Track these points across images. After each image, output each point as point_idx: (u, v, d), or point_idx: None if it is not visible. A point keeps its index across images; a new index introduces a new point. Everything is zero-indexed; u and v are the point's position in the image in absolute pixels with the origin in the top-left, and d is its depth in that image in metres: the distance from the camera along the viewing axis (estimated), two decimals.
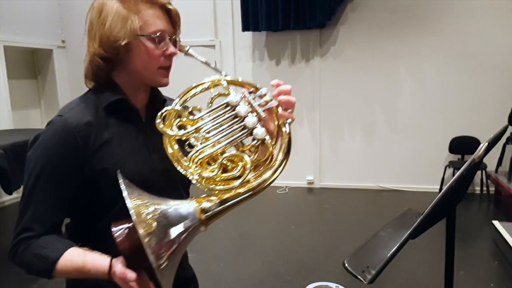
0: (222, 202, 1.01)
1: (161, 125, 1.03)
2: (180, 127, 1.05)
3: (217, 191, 1.02)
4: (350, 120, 5.98)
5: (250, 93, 1.10)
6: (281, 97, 1.11)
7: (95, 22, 1.12)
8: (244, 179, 1.02)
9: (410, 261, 3.55)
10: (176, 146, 1.05)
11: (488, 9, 5.29)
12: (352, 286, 3.06)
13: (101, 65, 1.13)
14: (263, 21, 5.62)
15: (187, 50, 1.19)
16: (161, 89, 1.29)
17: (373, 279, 1.13)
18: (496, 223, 4.16)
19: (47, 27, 6.36)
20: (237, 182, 1.02)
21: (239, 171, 1.02)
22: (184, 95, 1.09)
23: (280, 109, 1.12)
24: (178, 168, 1.04)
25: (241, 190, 1.02)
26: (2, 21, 5.55)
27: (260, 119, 1.07)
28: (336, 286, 2.93)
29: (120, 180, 0.96)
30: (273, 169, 1.06)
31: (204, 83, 1.11)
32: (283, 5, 5.50)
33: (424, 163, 5.78)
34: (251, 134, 1.05)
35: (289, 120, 1.12)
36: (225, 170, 1.04)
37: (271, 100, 1.09)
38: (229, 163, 1.05)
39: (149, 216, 0.92)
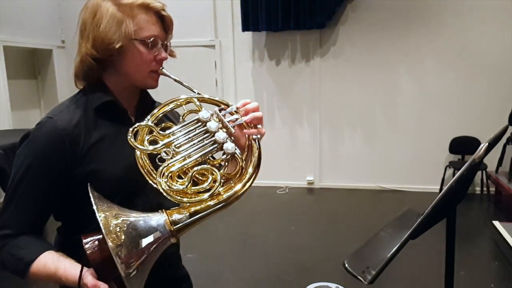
0: (192, 214, 1.03)
1: (132, 140, 1.05)
2: (152, 142, 1.08)
3: (187, 204, 1.04)
4: (350, 120, 5.97)
5: (221, 110, 1.15)
6: (247, 116, 1.15)
7: (88, 23, 1.13)
8: (214, 192, 1.04)
9: (410, 261, 3.54)
10: (147, 161, 1.08)
11: (488, 9, 5.29)
12: (352, 286, 3.05)
13: (93, 66, 1.14)
14: (263, 21, 5.61)
15: (161, 69, 1.21)
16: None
17: (373, 280, 1.13)
18: (496, 223, 4.14)
19: (47, 27, 6.34)
20: (206, 195, 1.04)
21: (209, 184, 1.05)
22: (156, 112, 1.13)
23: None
24: (149, 181, 1.05)
25: (211, 202, 1.05)
26: (2, 21, 5.53)
27: (230, 135, 1.11)
28: (336, 287, 2.92)
29: (90, 194, 0.97)
30: (243, 182, 1.08)
31: (176, 100, 1.16)
32: (283, 5, 5.49)
33: (424, 163, 5.78)
34: (221, 149, 1.09)
35: (258, 136, 1.16)
36: (195, 183, 1.07)
37: (240, 117, 1.14)
38: (199, 176, 1.08)
39: (118, 228, 0.94)
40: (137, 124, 1.08)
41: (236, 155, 1.09)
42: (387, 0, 5.54)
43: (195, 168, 1.05)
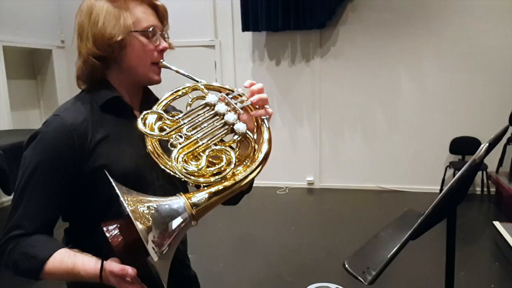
0: (210, 196, 1.03)
1: (142, 127, 1.06)
2: (161, 129, 1.09)
3: (204, 185, 1.05)
4: (350, 120, 5.97)
5: (227, 94, 1.16)
6: (253, 97, 1.16)
7: (86, 23, 1.14)
8: (230, 172, 1.05)
9: (410, 262, 3.52)
10: (158, 147, 1.09)
11: (489, 9, 5.28)
12: (352, 287, 3.04)
13: (96, 65, 1.14)
14: (263, 21, 5.60)
15: (161, 62, 1.21)
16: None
17: (374, 280, 1.13)
18: (497, 223, 4.13)
19: (47, 27, 6.34)
20: (222, 175, 1.05)
21: (224, 165, 1.06)
22: (163, 100, 1.15)
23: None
24: (161, 166, 1.06)
25: (228, 183, 1.05)
26: (1, 21, 5.53)
27: (239, 117, 1.12)
28: (336, 287, 2.92)
29: (111, 179, 0.96)
30: (257, 162, 1.10)
31: (182, 88, 1.17)
32: (283, 5, 5.48)
33: (424, 163, 5.77)
34: (232, 130, 1.10)
35: (266, 116, 1.17)
36: (209, 166, 1.07)
37: (247, 99, 1.16)
38: (213, 160, 1.09)
39: (145, 212, 0.94)
40: (146, 111, 1.09)
41: (247, 135, 1.11)
42: (388, 0, 5.53)
43: (210, 149, 1.06)
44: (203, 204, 1.02)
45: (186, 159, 1.05)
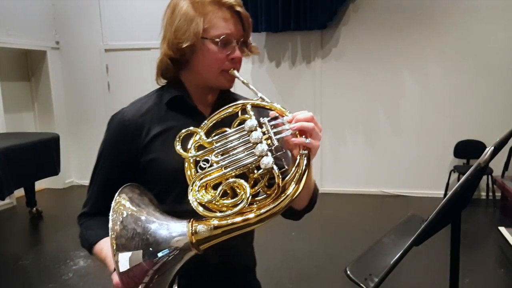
0: (216, 228, 1.00)
1: (178, 147, 1.07)
2: (200, 147, 1.08)
3: (213, 217, 1.00)
4: (352, 123, 5.94)
5: (273, 119, 1.09)
6: (294, 125, 1.03)
7: (168, 22, 1.17)
8: (241, 209, 0.99)
9: (414, 268, 3.49)
10: (192, 166, 1.08)
11: (493, 9, 5.26)
12: None
13: (169, 66, 1.18)
14: (263, 21, 5.61)
15: (231, 70, 1.18)
16: None
17: (376, 287, 1.14)
18: (502, 229, 4.07)
19: (41, 28, 6.34)
20: (232, 211, 1.00)
21: (239, 199, 1.01)
22: (210, 118, 1.12)
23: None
24: (188, 182, 1.05)
25: (238, 219, 0.99)
26: None
27: (272, 147, 1.03)
28: None
29: (121, 188, 1.04)
30: (278, 201, 1.01)
31: (229, 107, 1.13)
32: (284, 6, 5.49)
33: (428, 167, 5.73)
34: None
35: (306, 151, 1.03)
36: (236, 194, 1.03)
37: (288, 129, 1.04)
38: (237, 189, 1.04)
39: (129, 232, 0.96)
40: (184, 130, 1.09)
41: (273, 171, 1.01)
42: (390, 0, 5.52)
43: (227, 181, 1.02)
44: (205, 235, 1.00)
45: (207, 186, 1.04)
